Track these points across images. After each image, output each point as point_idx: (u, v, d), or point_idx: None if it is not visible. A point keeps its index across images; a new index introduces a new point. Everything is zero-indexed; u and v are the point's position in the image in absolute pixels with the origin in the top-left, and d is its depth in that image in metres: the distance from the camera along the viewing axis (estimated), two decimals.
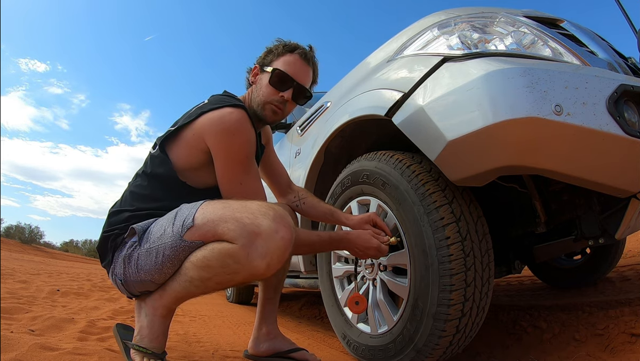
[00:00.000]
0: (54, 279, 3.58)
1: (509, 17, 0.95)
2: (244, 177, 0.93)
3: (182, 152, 0.94)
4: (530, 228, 1.09)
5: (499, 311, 1.58)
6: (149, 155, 1.01)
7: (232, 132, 0.89)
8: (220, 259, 0.76)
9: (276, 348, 1.16)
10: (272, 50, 1.03)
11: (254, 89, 1.04)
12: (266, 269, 0.76)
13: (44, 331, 1.18)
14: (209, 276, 0.79)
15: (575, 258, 1.94)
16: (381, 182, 1.07)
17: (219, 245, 0.77)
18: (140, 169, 1.01)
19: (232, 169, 0.92)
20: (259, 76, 1.04)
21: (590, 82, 0.73)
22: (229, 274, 0.78)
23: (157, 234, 0.83)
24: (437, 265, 0.88)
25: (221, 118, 0.89)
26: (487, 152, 0.78)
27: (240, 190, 0.92)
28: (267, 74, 1.01)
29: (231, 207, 0.80)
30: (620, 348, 1.03)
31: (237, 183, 0.92)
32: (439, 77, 0.88)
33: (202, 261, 0.78)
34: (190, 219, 0.80)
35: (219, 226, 0.77)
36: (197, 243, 0.80)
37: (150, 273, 0.83)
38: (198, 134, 0.91)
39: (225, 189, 0.93)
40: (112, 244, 0.88)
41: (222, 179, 0.93)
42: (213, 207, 0.82)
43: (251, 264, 0.75)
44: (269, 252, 0.75)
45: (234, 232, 0.75)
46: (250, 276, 0.78)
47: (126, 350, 0.86)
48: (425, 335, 0.91)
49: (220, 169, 0.92)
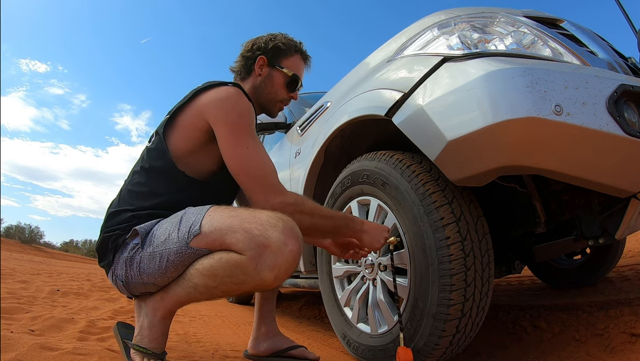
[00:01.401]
0: (54, 279, 3.58)
1: (509, 17, 0.95)
2: (249, 142, 0.88)
3: (180, 136, 0.92)
4: (530, 228, 1.09)
5: (499, 311, 1.58)
6: (145, 149, 0.98)
7: (232, 103, 0.89)
8: (228, 269, 0.76)
9: (275, 346, 1.16)
10: (281, 47, 1.04)
11: (261, 83, 1.05)
12: (274, 280, 0.75)
13: (44, 331, 1.18)
14: (215, 285, 0.78)
15: (575, 258, 1.94)
16: (381, 182, 1.07)
17: (227, 255, 0.76)
18: (137, 165, 0.97)
19: (236, 134, 0.88)
20: (267, 69, 1.04)
21: (590, 82, 0.73)
22: (235, 284, 0.77)
23: (161, 238, 0.81)
24: (437, 265, 0.88)
25: (219, 93, 0.90)
26: (487, 152, 0.78)
27: (247, 154, 0.87)
28: (280, 74, 1.04)
29: (240, 216, 0.78)
30: (620, 348, 1.03)
31: (243, 146, 0.87)
32: (438, 77, 0.88)
33: (208, 270, 0.77)
34: (197, 227, 0.79)
35: (227, 235, 0.76)
36: (203, 250, 0.79)
37: (153, 276, 0.82)
38: (197, 112, 0.90)
39: (231, 154, 0.87)
40: (112, 245, 0.86)
41: (226, 146, 0.88)
42: (221, 214, 0.80)
43: (259, 276, 0.74)
44: (278, 264, 0.74)
45: (242, 243, 0.74)
46: (257, 287, 0.77)
47: (126, 350, 0.86)
48: (425, 334, 0.91)
49: (224, 138, 0.88)
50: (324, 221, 0.91)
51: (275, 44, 1.04)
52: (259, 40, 1.06)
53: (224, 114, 0.88)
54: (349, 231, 0.94)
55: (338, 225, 0.93)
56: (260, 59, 1.04)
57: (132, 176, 0.97)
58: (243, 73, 1.07)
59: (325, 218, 0.91)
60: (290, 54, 1.05)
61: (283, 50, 1.04)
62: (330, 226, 0.92)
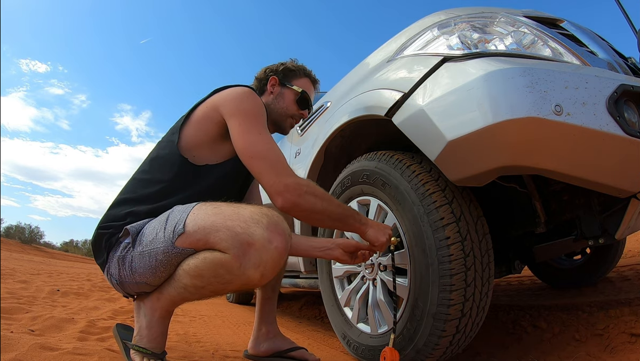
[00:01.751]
0: (54, 279, 3.58)
1: (509, 17, 0.95)
2: (262, 129, 0.92)
3: (192, 128, 0.96)
4: (530, 228, 1.09)
5: (499, 311, 1.58)
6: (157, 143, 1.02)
7: (246, 97, 0.94)
8: (213, 269, 0.76)
9: (276, 347, 1.16)
10: (292, 69, 1.16)
11: (273, 100, 1.13)
12: (260, 278, 0.75)
13: (44, 331, 1.18)
14: (203, 285, 0.79)
15: (575, 258, 1.94)
16: (381, 182, 1.07)
17: (211, 255, 0.76)
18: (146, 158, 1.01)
19: (249, 123, 0.91)
20: (278, 88, 1.14)
21: (590, 82, 0.73)
22: (222, 284, 0.77)
23: (150, 238, 0.82)
24: (437, 265, 0.88)
25: (234, 90, 0.97)
26: (487, 152, 0.78)
27: (260, 139, 0.89)
28: (292, 91, 1.13)
29: (223, 213, 0.78)
30: (620, 348, 1.03)
31: (256, 133, 0.90)
32: (438, 77, 0.88)
33: (194, 270, 0.77)
34: (181, 226, 0.79)
35: (210, 235, 0.76)
36: (188, 250, 0.79)
37: (145, 276, 0.83)
38: (212, 105, 0.95)
39: (243, 140, 0.89)
40: (106, 243, 0.87)
41: (239, 134, 0.90)
42: (204, 212, 0.80)
43: (244, 274, 0.74)
44: (263, 262, 0.73)
45: (226, 242, 0.74)
46: (244, 285, 0.77)
47: (126, 350, 0.86)
48: (425, 335, 0.91)
49: (237, 127, 0.90)
50: (334, 207, 0.90)
51: (286, 66, 1.15)
52: (272, 65, 1.17)
53: (237, 106, 0.92)
54: (355, 222, 0.93)
55: (346, 214, 0.92)
56: (272, 79, 1.14)
57: (138, 168, 1.00)
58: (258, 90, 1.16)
59: (336, 204, 0.91)
60: (299, 75, 1.16)
61: (293, 72, 1.15)
62: (339, 214, 0.91)
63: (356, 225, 0.93)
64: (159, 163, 0.95)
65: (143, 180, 0.94)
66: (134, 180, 0.96)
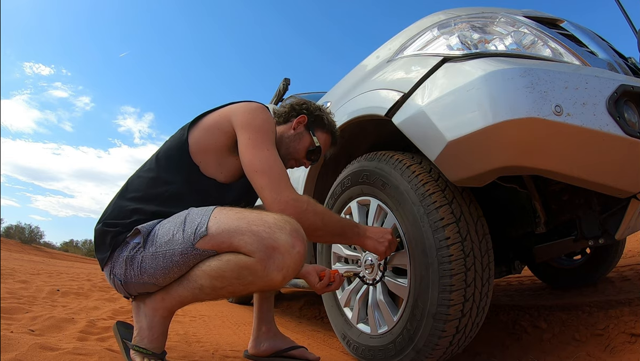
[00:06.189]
0: (54, 279, 3.58)
1: (509, 17, 0.95)
2: (269, 146, 0.92)
3: (200, 132, 0.96)
4: (530, 228, 1.09)
5: (499, 311, 1.58)
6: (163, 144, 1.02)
7: (258, 112, 0.95)
8: (237, 271, 0.77)
9: (276, 346, 1.16)
10: (323, 120, 1.13)
11: (290, 136, 1.11)
12: (282, 281, 0.78)
13: (44, 331, 1.18)
14: (222, 286, 0.80)
15: (575, 258, 1.94)
16: (381, 182, 1.07)
17: (235, 258, 0.77)
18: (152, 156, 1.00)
19: (258, 138, 0.92)
20: (302, 128, 1.11)
21: (590, 83, 0.73)
22: (243, 285, 0.79)
23: (165, 238, 0.82)
24: (437, 265, 0.88)
25: (247, 104, 0.98)
26: (487, 152, 0.78)
27: (266, 155, 0.90)
28: (309, 138, 1.10)
29: (246, 218, 0.79)
30: (620, 348, 1.03)
31: (263, 148, 0.91)
32: (438, 78, 0.88)
33: (216, 272, 0.78)
34: (203, 228, 0.79)
35: (234, 238, 0.77)
36: (209, 251, 0.79)
37: (155, 276, 0.82)
38: (224, 115, 0.96)
39: (250, 154, 0.90)
40: (112, 240, 0.86)
41: (247, 147, 0.91)
42: (227, 216, 0.81)
43: (268, 277, 0.76)
44: (286, 265, 0.76)
45: (251, 245, 0.76)
46: (265, 287, 0.79)
47: (126, 350, 0.86)
48: (425, 335, 0.91)
49: (245, 140, 0.91)
50: (334, 222, 0.94)
51: (320, 115, 1.13)
52: (311, 104, 1.14)
53: (249, 120, 0.93)
54: (354, 235, 0.98)
55: (345, 229, 0.96)
56: (303, 117, 1.11)
57: (143, 165, 1.00)
58: (282, 119, 1.14)
59: (335, 219, 0.95)
60: (326, 129, 1.13)
61: (323, 123, 1.13)
62: (339, 228, 0.95)
63: (355, 238, 0.98)
64: (167, 163, 0.95)
65: (149, 178, 0.94)
66: (139, 178, 0.96)
